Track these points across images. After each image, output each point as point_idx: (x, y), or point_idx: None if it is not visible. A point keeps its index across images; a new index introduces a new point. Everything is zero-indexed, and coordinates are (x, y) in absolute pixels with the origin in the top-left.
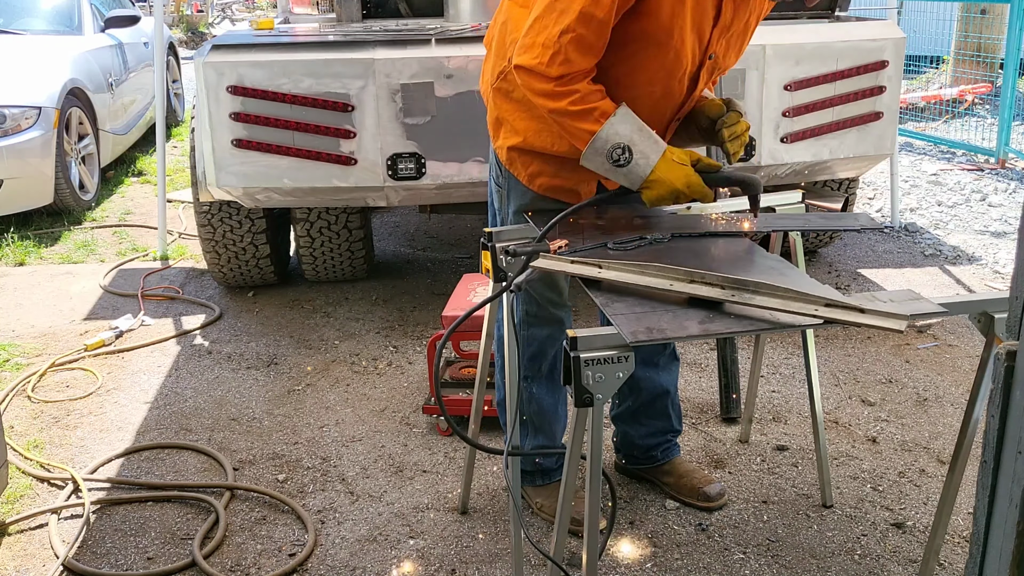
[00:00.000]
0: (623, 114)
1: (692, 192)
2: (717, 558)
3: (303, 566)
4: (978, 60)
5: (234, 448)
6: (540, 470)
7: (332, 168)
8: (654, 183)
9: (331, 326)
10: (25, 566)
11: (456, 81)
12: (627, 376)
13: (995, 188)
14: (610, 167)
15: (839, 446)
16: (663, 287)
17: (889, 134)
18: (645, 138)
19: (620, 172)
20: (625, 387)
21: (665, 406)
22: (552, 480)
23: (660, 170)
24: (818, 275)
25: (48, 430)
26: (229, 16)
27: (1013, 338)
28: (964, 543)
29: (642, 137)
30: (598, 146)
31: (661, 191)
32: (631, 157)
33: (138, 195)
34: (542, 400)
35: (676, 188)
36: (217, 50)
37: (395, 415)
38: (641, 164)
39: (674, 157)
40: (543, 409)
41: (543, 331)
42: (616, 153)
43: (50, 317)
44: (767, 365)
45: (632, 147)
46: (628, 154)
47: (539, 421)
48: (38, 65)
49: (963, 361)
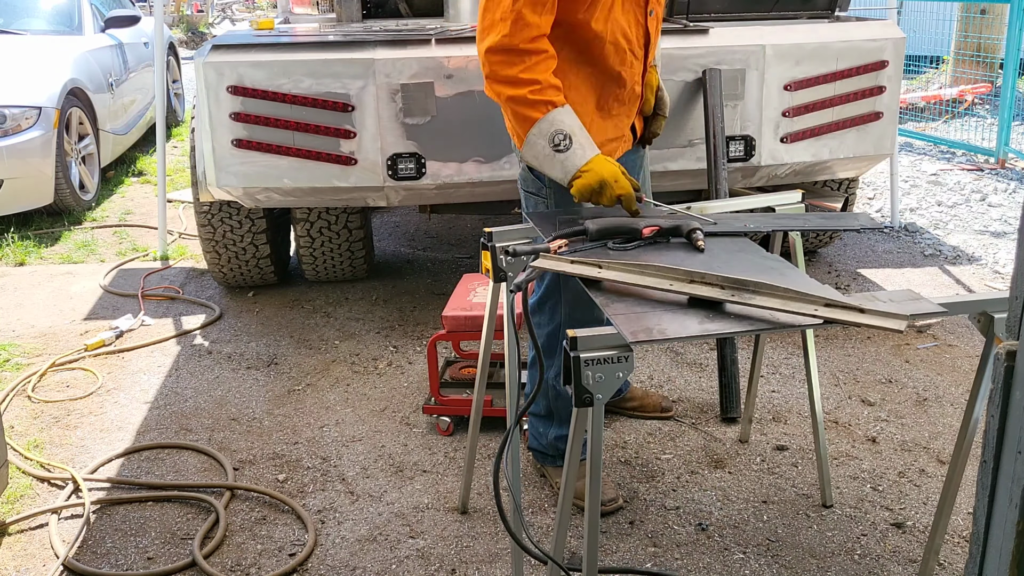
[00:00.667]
0: (568, 109)
1: (619, 186)
2: (717, 558)
3: (303, 566)
4: (978, 60)
5: (234, 448)
6: (560, 452)
7: (332, 168)
8: (586, 172)
9: (331, 326)
10: (25, 566)
11: (456, 81)
12: (628, 376)
13: (995, 188)
14: (550, 151)
15: (839, 446)
16: (663, 287)
17: (889, 134)
18: (585, 136)
19: (558, 158)
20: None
21: None
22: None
23: (594, 161)
24: (818, 275)
25: (48, 430)
26: (229, 16)
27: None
28: (964, 543)
29: (583, 133)
30: (544, 127)
31: (591, 180)
32: (570, 144)
33: (138, 195)
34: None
35: (604, 177)
36: (217, 50)
37: (395, 415)
38: (578, 153)
39: (606, 158)
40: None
41: None
42: (558, 138)
43: (50, 317)
44: (767, 365)
45: (572, 136)
46: (568, 141)
47: (565, 413)
48: (38, 65)
49: (963, 361)
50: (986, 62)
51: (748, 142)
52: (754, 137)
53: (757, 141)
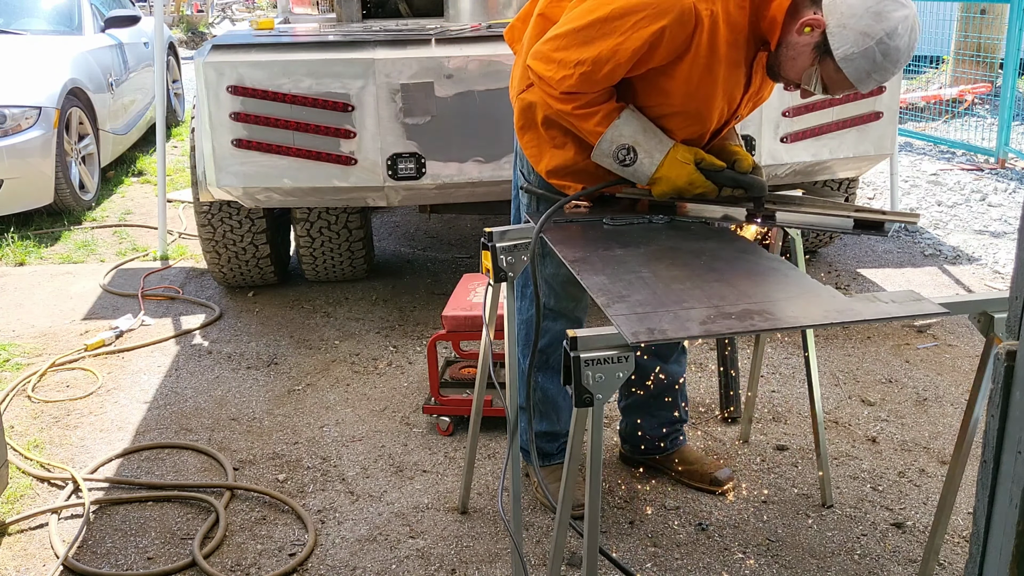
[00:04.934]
0: (628, 116)
1: (694, 189)
2: (717, 558)
3: (303, 566)
4: (978, 60)
5: (234, 448)
6: (540, 452)
7: (332, 168)
8: (659, 180)
9: (331, 326)
10: (25, 566)
11: (456, 81)
12: (627, 376)
13: (995, 188)
14: (617, 166)
15: (839, 446)
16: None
17: (889, 134)
18: (650, 138)
19: (627, 171)
20: (635, 379)
21: (675, 397)
22: (551, 462)
23: (664, 169)
24: (818, 275)
25: (48, 430)
26: (229, 16)
27: (1013, 338)
28: (964, 543)
29: (647, 137)
30: (604, 147)
31: (665, 188)
32: (636, 157)
33: (138, 195)
34: (547, 389)
35: (679, 186)
36: (217, 50)
37: (395, 415)
38: (646, 163)
39: (679, 156)
40: (547, 397)
41: (557, 325)
42: (621, 154)
43: (50, 317)
44: (767, 365)
45: (637, 148)
46: (632, 154)
47: (544, 408)
48: (38, 65)
49: (963, 361)
50: (986, 62)
51: (748, 142)
52: (754, 137)
53: (757, 141)
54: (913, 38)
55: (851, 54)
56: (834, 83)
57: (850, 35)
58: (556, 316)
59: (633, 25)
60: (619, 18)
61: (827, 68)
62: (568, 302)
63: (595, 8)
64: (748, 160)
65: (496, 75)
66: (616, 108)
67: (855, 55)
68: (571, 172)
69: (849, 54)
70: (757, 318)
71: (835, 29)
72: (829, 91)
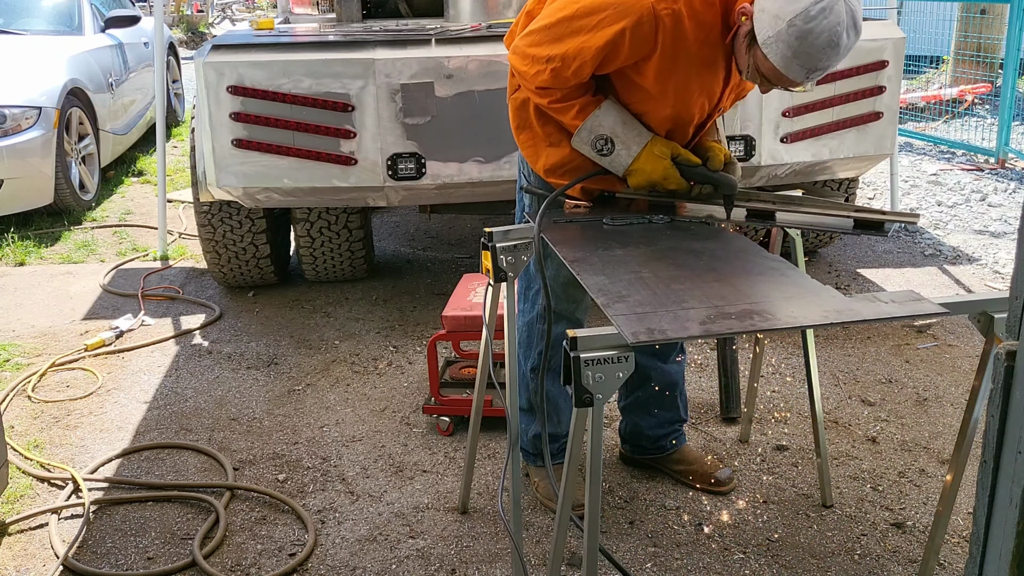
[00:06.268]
0: (607, 107)
1: (668, 184)
2: (717, 558)
3: (303, 566)
4: (978, 60)
5: (234, 448)
6: (540, 452)
7: (332, 168)
8: (635, 172)
9: (331, 326)
10: (25, 566)
11: (456, 81)
12: (627, 376)
13: (995, 188)
14: (596, 155)
15: (839, 446)
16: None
17: (889, 134)
18: (628, 130)
19: (604, 160)
20: (635, 379)
21: (675, 397)
22: (552, 462)
23: (640, 161)
24: (818, 275)
25: (48, 430)
26: (229, 16)
27: (1013, 338)
28: (964, 543)
29: (625, 129)
30: (583, 136)
31: (640, 180)
32: (613, 147)
33: (138, 195)
34: (547, 390)
35: (654, 179)
36: (217, 50)
37: (395, 415)
38: (623, 154)
39: (655, 150)
40: (548, 398)
41: (558, 327)
42: (599, 143)
43: (50, 317)
44: (767, 365)
45: (615, 139)
46: (610, 144)
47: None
48: (38, 65)
49: (963, 361)
50: (986, 62)
51: (748, 142)
52: (754, 137)
53: (757, 141)
54: (835, 21)
55: (768, 38)
56: (770, 73)
57: (766, 19)
58: (556, 319)
59: (596, 24)
60: (584, 17)
61: (758, 56)
62: (568, 304)
63: (564, 6)
64: (720, 157)
65: (496, 75)
66: (593, 101)
67: (771, 39)
68: (568, 170)
69: (766, 38)
70: (757, 318)
71: (757, 15)
72: (770, 83)
